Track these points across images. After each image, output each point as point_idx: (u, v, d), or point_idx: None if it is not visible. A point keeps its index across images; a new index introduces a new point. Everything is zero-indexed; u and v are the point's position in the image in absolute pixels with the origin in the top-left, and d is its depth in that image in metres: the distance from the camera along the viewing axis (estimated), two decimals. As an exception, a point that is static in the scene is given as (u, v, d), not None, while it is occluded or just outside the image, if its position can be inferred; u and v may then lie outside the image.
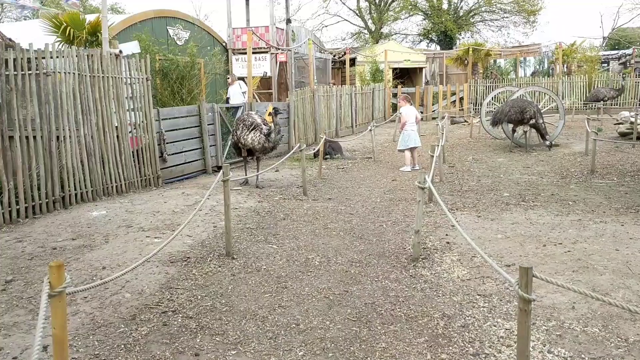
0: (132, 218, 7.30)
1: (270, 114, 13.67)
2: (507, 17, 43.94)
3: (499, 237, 6.11)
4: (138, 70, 9.68)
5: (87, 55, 8.61)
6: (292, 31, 23.21)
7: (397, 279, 4.95)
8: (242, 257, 5.59)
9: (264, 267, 5.32)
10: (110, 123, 8.99)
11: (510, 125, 13.97)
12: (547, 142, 13.73)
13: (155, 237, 6.33)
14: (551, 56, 31.95)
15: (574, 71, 27.54)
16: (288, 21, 22.82)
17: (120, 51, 9.35)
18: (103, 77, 8.84)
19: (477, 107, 25.60)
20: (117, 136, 9.15)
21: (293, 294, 4.65)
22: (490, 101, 17.00)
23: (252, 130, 9.46)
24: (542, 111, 13.73)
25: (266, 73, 20.42)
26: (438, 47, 39.41)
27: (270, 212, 7.63)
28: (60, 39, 10.32)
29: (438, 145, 8.31)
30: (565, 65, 28.11)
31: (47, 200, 7.78)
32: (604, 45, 39.34)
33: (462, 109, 25.88)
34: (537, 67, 35.95)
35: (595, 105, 22.62)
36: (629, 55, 30.49)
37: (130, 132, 9.43)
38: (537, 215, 7.16)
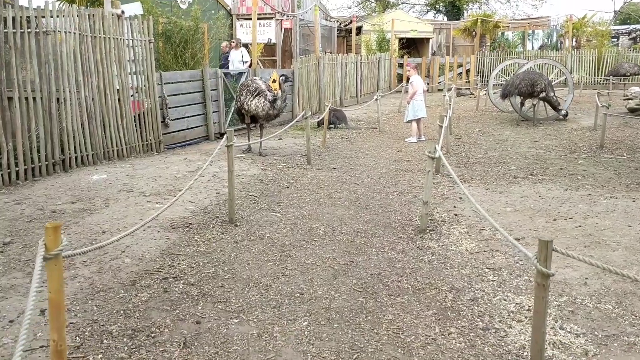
0: (133, 183, 7.17)
1: (274, 80, 13.46)
2: (516, -11, 43.22)
3: (508, 210, 5.98)
4: (140, 32, 9.44)
5: (89, 15, 8.37)
6: (298, -2, 22.72)
7: (404, 251, 4.84)
8: (245, 225, 5.47)
9: (268, 235, 5.20)
10: (112, 86, 8.80)
11: (519, 98, 13.73)
12: (563, 112, 13.54)
13: (157, 202, 6.20)
14: (560, 30, 31.42)
15: (583, 45, 27.06)
16: (294, -13, 22.33)
17: (123, 12, 9.10)
18: (104, 38, 8.61)
19: (484, 79, 25.26)
20: (119, 99, 8.96)
21: (297, 263, 4.53)
22: (498, 74, 16.70)
23: (256, 96, 9.25)
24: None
25: (270, 40, 20.05)
26: (445, 18, 38.76)
27: (273, 180, 7.49)
28: (61, -3, 10.04)
29: (446, 116, 8.11)
30: (574, 39, 27.62)
31: (46, 162, 7.64)
32: (614, 19, 38.69)
33: (469, 81, 25.53)
34: (545, 40, 35.42)
35: (608, 80, 22.11)
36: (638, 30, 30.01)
37: (132, 96, 9.25)
38: (546, 189, 7.01)
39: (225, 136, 5.31)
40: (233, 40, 15.39)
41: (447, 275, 4.32)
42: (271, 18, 20.12)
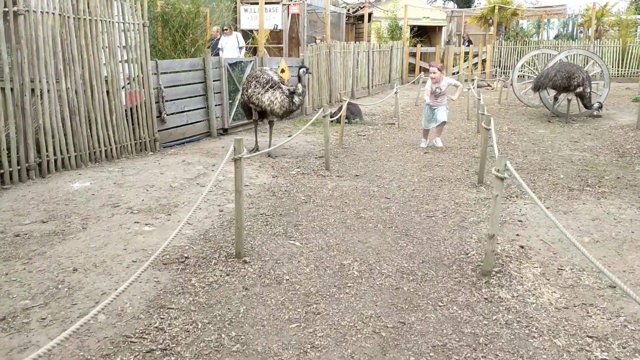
0: (121, 194, 6.00)
1: (283, 70, 12.24)
2: (528, -25, 41.84)
3: (585, 241, 4.78)
4: (133, 15, 8.22)
5: (71, -7, 7.16)
6: (305, -18, 21.37)
7: (469, 304, 3.65)
8: (257, 260, 4.28)
9: (286, 277, 4.01)
10: (100, 76, 7.61)
11: (552, 92, 12.52)
12: (596, 105, 12.34)
13: (146, 224, 5.02)
14: (577, 18, 30.03)
15: (604, 35, 25.69)
16: (302, -31, 20.99)
17: (112, -10, 7.86)
18: (91, 20, 7.41)
19: (503, 70, 24.00)
20: (107, 92, 7.78)
21: (329, 325, 3.36)
22: (523, 65, 15.43)
23: (268, 89, 8.02)
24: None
25: (277, 26, 18.80)
26: (455, 6, 37.43)
27: (288, 191, 6.29)
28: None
29: (486, 114, 6.84)
30: (596, 28, 26.25)
31: (19, 167, 6.48)
32: (632, 9, 37.22)
33: (485, 72, 24.24)
34: (561, 29, 34.05)
35: (636, 73, 20.83)
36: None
37: (123, 87, 8.06)
38: (616, 208, 5.81)
39: (232, 146, 4.11)
40: (226, 28, 13.99)
41: (537, 349, 3.14)
42: (278, 3, 18.87)
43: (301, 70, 8.12)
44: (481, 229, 4.98)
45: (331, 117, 11.61)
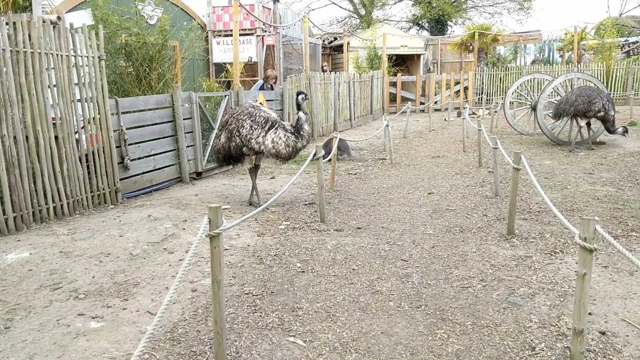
0: (66, 268, 4.71)
1: (261, 103, 11.11)
2: (500, 3, 42.17)
3: (682, 319, 3.64)
4: (87, 47, 7.04)
5: (6, 22, 5.96)
6: (279, 14, 20.47)
7: None
8: (246, 375, 3.04)
9: (292, 406, 2.77)
10: (46, 119, 6.37)
11: (558, 119, 11.75)
12: (620, 130, 11.60)
13: (94, 317, 3.74)
14: (553, 43, 29.75)
15: (590, 58, 25.27)
16: (276, -1, 20.12)
17: (59, 17, 6.67)
18: (33, 53, 6.19)
19: (487, 97, 23.33)
20: (56, 137, 6.53)
21: None
22: (515, 90, 14.57)
23: (270, 128, 6.73)
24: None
25: (251, 58, 17.78)
26: (428, 34, 37.20)
27: (278, 256, 5.06)
28: (-20, 3, 7.63)
29: (516, 153, 5.78)
30: (571, 53, 25.86)
31: (-62, 236, 5.17)
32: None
33: (467, 100, 23.50)
34: (538, 55, 33.87)
35: (624, 97, 20.26)
36: (633, 43, 28.47)
37: (83, 128, 6.88)
38: (686, 262, 4.71)
39: (206, 218, 2.90)
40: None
41: None
42: (251, 34, 17.91)
43: (300, 96, 6.95)
44: (540, 307, 3.81)
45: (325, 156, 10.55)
